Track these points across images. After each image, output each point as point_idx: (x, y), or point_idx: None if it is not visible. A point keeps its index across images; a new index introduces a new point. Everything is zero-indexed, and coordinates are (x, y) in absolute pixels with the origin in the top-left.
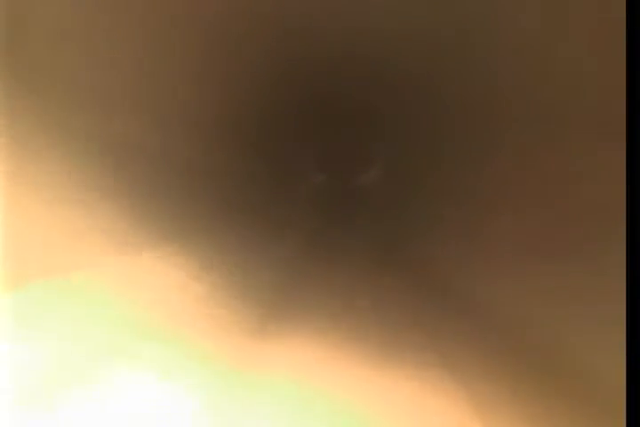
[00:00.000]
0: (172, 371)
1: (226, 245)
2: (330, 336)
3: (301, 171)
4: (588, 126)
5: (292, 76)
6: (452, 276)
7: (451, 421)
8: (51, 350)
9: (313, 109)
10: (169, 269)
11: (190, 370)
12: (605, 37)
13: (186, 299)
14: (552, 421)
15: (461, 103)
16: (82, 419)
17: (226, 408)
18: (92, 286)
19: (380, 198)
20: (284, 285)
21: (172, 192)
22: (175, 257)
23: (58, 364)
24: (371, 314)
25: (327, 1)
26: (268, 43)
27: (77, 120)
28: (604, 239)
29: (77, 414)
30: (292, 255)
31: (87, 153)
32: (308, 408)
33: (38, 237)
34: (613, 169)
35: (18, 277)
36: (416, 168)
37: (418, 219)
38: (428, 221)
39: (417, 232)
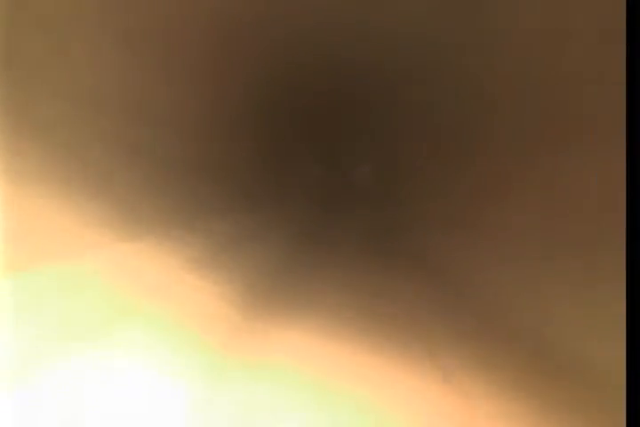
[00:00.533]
0: (169, 359)
1: (224, 235)
2: (328, 326)
3: (298, 165)
4: (588, 126)
5: (289, 74)
6: (449, 266)
7: (451, 421)
8: (49, 336)
9: (310, 106)
10: (168, 257)
11: (187, 357)
12: (605, 37)
13: (183, 287)
14: (556, 414)
15: (459, 99)
16: (76, 402)
17: (222, 398)
18: (90, 273)
19: (377, 191)
20: (282, 275)
21: (171, 184)
22: (174, 245)
23: (55, 349)
24: (369, 303)
25: (324, 2)
26: (265, 42)
27: (78, 117)
28: (602, 231)
29: (73, 397)
30: (290, 246)
31: (88, 147)
32: (306, 398)
33: (39, 225)
34: (613, 169)
35: (18, 262)
36: (412, 161)
37: (415, 210)
38: (425, 211)
39: (414, 223)
